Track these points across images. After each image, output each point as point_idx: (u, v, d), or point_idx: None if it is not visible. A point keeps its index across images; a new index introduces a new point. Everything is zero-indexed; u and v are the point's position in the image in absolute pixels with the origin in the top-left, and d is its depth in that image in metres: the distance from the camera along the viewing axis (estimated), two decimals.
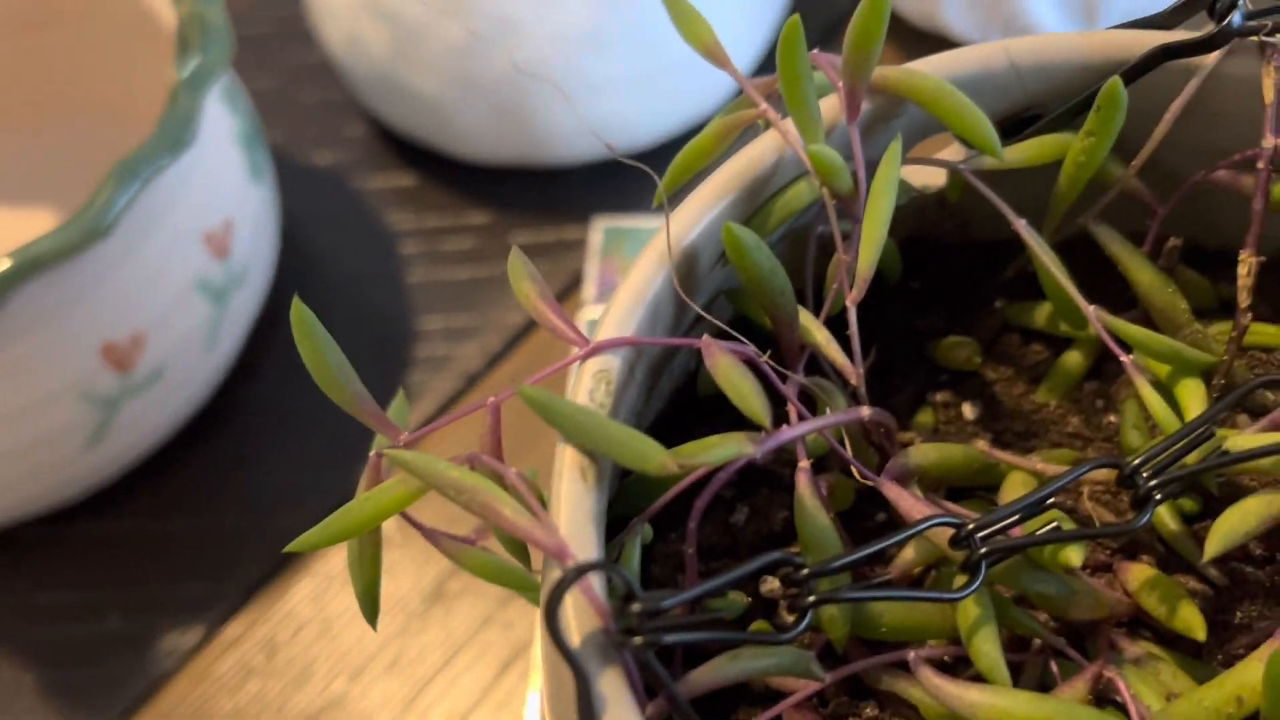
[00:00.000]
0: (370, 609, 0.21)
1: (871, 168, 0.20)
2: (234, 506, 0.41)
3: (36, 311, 0.33)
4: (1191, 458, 0.19)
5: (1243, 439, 0.19)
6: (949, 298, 0.26)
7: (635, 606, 0.16)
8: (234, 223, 0.39)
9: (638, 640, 0.15)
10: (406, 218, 0.47)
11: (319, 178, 0.49)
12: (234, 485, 0.41)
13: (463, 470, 0.18)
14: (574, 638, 0.16)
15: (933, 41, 0.48)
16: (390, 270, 0.46)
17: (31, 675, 0.38)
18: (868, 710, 0.21)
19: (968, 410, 0.24)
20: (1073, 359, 0.24)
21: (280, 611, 0.38)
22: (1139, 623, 0.21)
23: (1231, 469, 0.19)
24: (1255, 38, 0.21)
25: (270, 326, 0.43)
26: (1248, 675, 0.19)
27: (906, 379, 0.25)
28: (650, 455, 0.17)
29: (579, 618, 0.16)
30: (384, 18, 0.42)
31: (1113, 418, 0.23)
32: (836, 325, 0.21)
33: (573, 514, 0.17)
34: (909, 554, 0.21)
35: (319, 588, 0.39)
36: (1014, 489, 0.22)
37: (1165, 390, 0.22)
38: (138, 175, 0.33)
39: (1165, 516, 0.20)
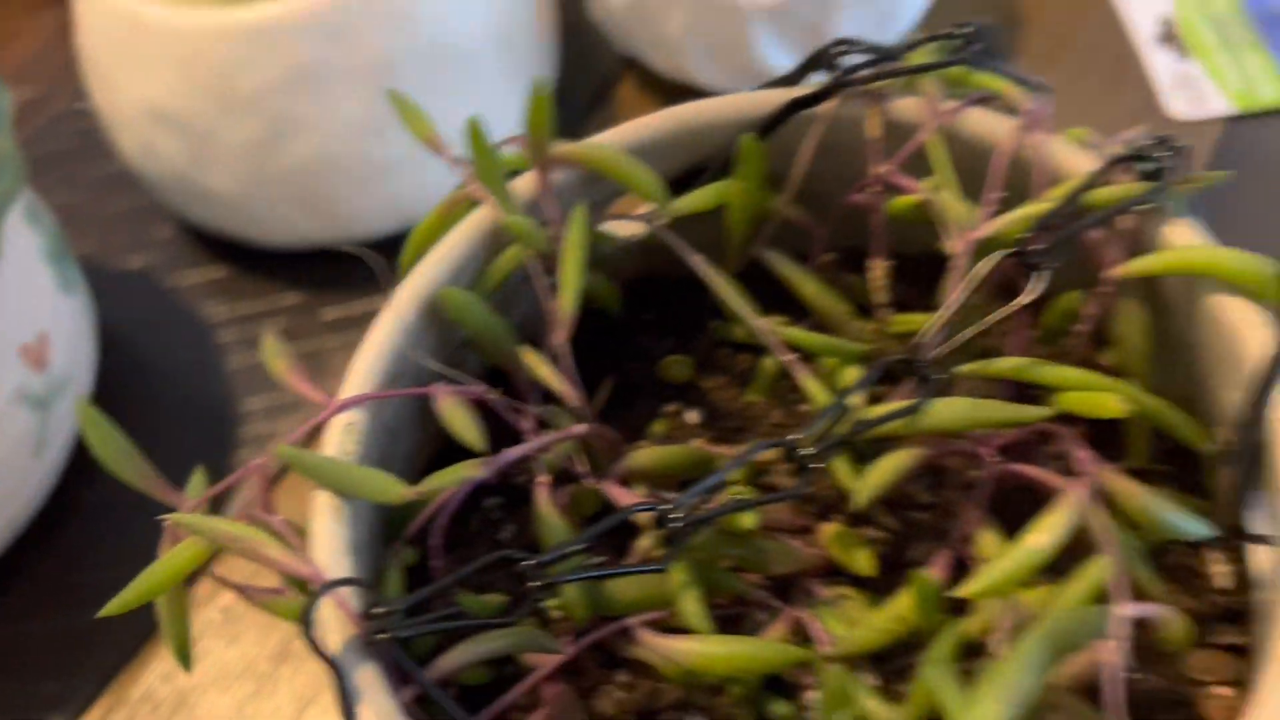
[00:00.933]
0: (182, 658, 0.24)
1: None
2: (81, 603, 0.42)
3: None
4: (841, 429, 0.23)
5: (876, 409, 0.23)
6: (675, 324, 0.31)
7: (377, 609, 0.19)
8: (49, 335, 0.41)
9: (382, 636, 0.19)
10: (221, 308, 0.50)
11: (133, 281, 0.51)
12: (79, 583, 0.43)
13: (233, 524, 0.21)
14: (334, 645, 0.20)
15: (685, 91, 0.53)
16: (209, 359, 0.48)
17: None
18: (620, 678, 0.25)
19: (691, 416, 0.29)
20: (769, 363, 0.28)
21: (136, 694, 0.41)
22: (837, 573, 0.26)
23: (876, 432, 0.23)
24: (861, 87, 0.26)
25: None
26: (907, 600, 0.23)
27: (643, 398, 0.30)
28: (388, 489, 0.21)
29: (337, 628, 0.20)
30: (173, 127, 0.45)
31: (806, 406, 0.28)
32: (580, 347, 0.26)
33: (327, 546, 0.21)
34: (645, 541, 0.25)
35: (170, 667, 0.41)
36: (735, 526, 0.26)
37: (835, 377, 0.26)
38: None
39: (842, 476, 0.25)
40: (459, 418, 0.22)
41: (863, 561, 0.24)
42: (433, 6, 0.44)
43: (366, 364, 0.23)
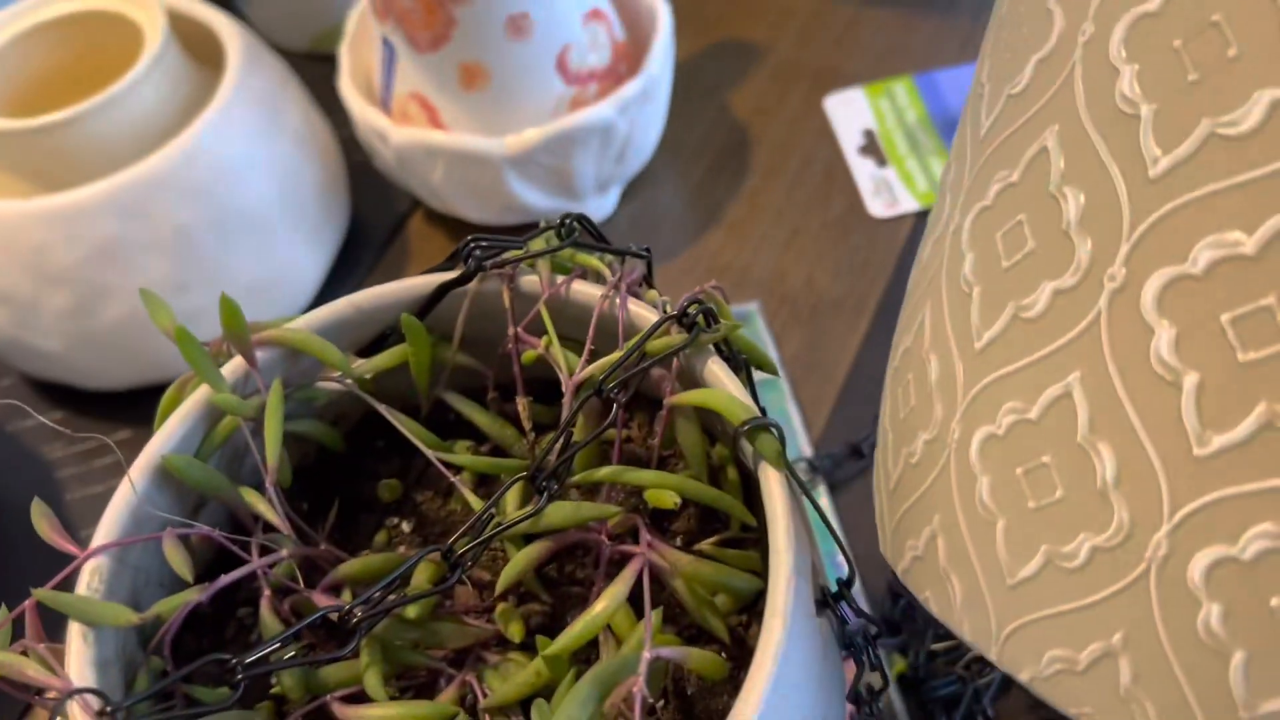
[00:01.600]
0: None
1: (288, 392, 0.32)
2: None
3: None
4: (488, 532, 0.31)
5: (512, 515, 0.31)
6: (401, 448, 0.38)
7: (106, 709, 0.26)
8: None
9: None
10: (59, 447, 0.56)
11: None
12: None
13: (4, 653, 0.28)
14: None
15: (463, 224, 0.61)
16: (50, 494, 0.55)
17: None
18: None
19: (405, 526, 0.36)
20: (466, 478, 0.36)
21: None
22: (507, 643, 0.33)
23: (513, 532, 0.31)
24: (493, 270, 0.34)
25: None
26: (540, 661, 0.31)
27: (371, 511, 0.37)
28: (119, 616, 0.28)
29: None
30: None
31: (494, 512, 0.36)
32: (322, 475, 0.33)
33: (78, 663, 0.28)
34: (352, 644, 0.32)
35: None
36: (419, 576, 0.33)
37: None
38: None
39: (511, 553, 0.33)
40: (175, 555, 0.29)
41: (515, 630, 0.32)
42: (223, 180, 0.52)
43: (109, 521, 0.30)
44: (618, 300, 0.32)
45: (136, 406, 0.57)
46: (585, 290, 0.33)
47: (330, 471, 0.37)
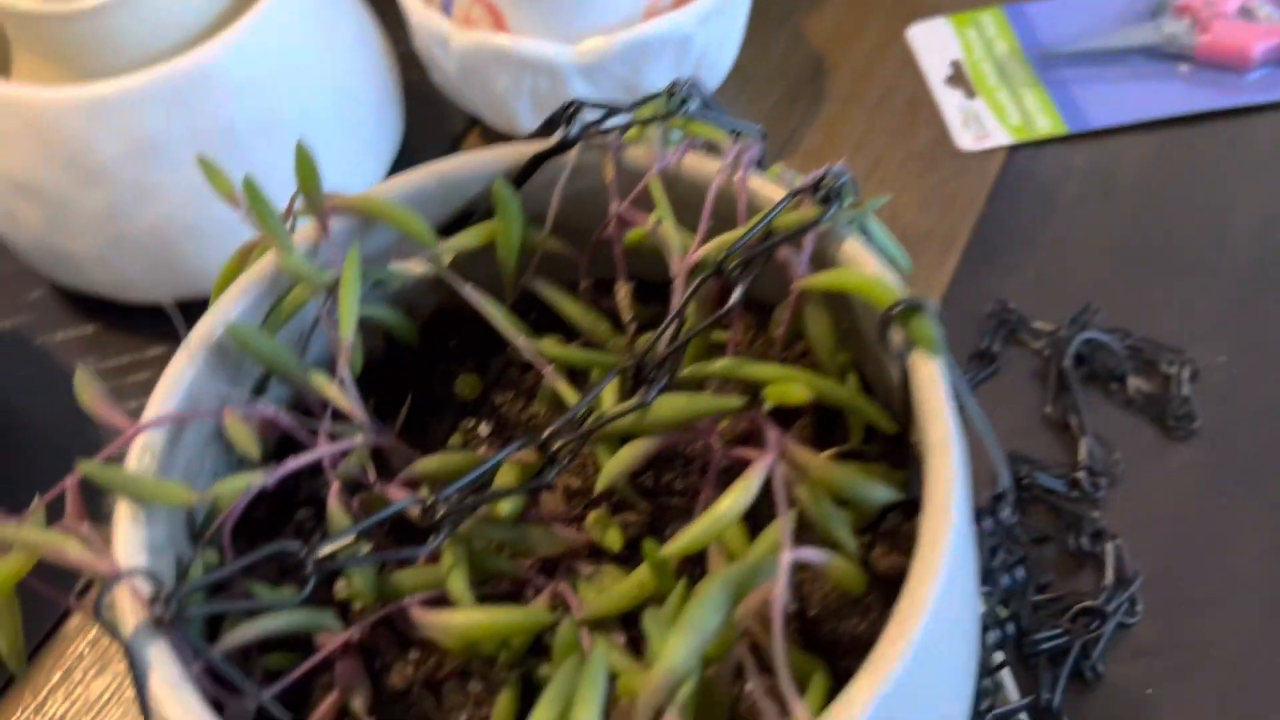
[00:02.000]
0: (16, 665, 0.27)
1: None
2: None
3: None
4: (588, 425, 0.28)
5: (614, 408, 0.28)
6: (475, 350, 0.35)
7: (161, 593, 0.23)
8: None
9: (164, 616, 0.22)
10: (92, 362, 0.53)
11: (6, 340, 0.54)
12: None
13: (42, 531, 0.24)
14: (127, 628, 0.23)
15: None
16: (79, 413, 0.51)
17: None
18: (412, 655, 0.28)
19: (483, 428, 0.33)
20: (555, 374, 0.32)
21: None
22: (600, 553, 0.30)
23: (613, 427, 0.28)
24: (596, 137, 0.30)
25: None
26: (644, 570, 0.27)
27: (445, 413, 0.33)
28: (176, 494, 0.24)
29: (130, 613, 0.23)
30: (33, 197, 0.48)
31: None
32: (390, 374, 0.30)
33: (126, 546, 0.24)
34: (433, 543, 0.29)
35: (39, 700, 0.43)
36: (504, 476, 0.30)
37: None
38: None
39: (601, 458, 0.29)
40: (240, 432, 0.25)
41: (612, 538, 0.28)
42: (275, 80, 0.48)
43: (161, 395, 0.26)
44: (738, 176, 0.29)
45: (170, 323, 0.53)
46: (700, 164, 0.29)
47: (399, 370, 0.34)
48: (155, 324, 0.53)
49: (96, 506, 0.28)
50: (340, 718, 0.27)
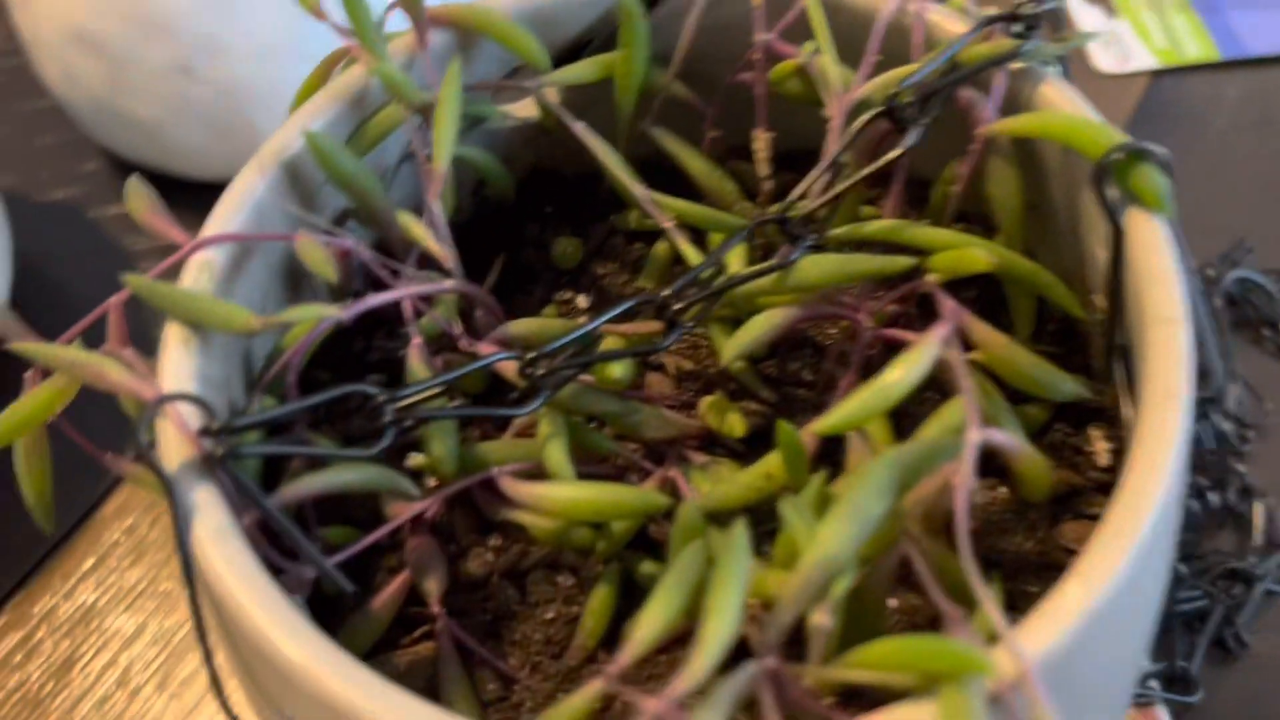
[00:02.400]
0: (43, 514, 0.24)
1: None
2: None
3: None
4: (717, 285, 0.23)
5: (742, 270, 0.23)
6: (572, 216, 0.30)
7: (213, 426, 0.19)
8: None
9: (216, 453, 0.19)
10: (143, 239, 0.49)
11: (57, 212, 0.51)
12: None
13: (81, 351, 0.21)
14: (171, 463, 0.19)
15: None
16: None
17: None
18: (492, 541, 0.24)
19: (581, 301, 0.28)
20: (661, 248, 0.28)
21: (35, 612, 0.40)
22: (715, 444, 0.25)
23: (747, 289, 0.23)
24: None
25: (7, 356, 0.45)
26: (775, 457, 0.23)
27: (537, 284, 0.29)
28: (234, 318, 0.20)
29: (177, 449, 0.19)
30: (94, 49, 0.45)
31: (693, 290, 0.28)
32: (478, 233, 0.25)
33: (174, 372, 0.20)
34: (522, 418, 0.25)
35: (70, 585, 0.40)
36: (604, 376, 0.26)
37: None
38: None
39: (717, 340, 0.25)
40: (316, 255, 0.21)
41: (734, 423, 0.24)
42: None
43: (225, 209, 0.23)
44: (913, 4, 0.24)
45: None
46: None
47: (488, 233, 0.30)
48: (210, 202, 0.49)
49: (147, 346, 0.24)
50: (406, 604, 0.23)
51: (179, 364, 0.20)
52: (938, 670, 0.16)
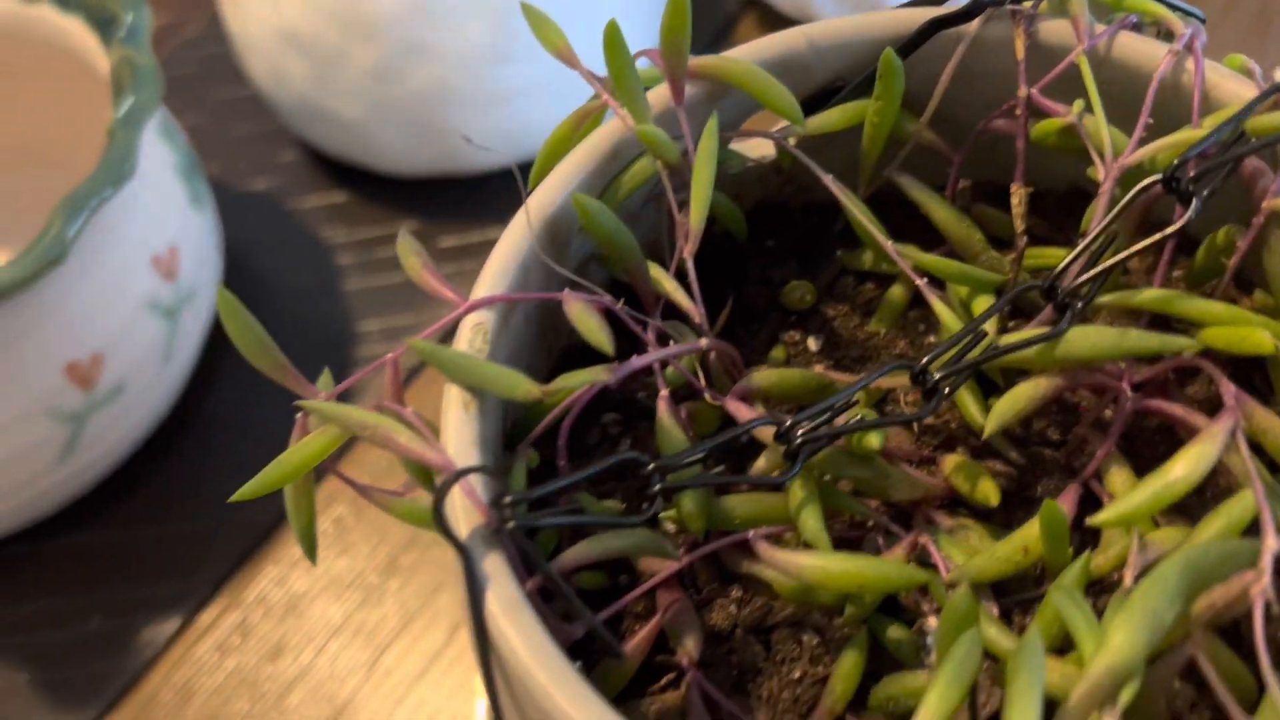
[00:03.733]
0: (309, 547, 0.25)
1: None
2: (199, 508, 0.44)
3: (2, 336, 0.36)
4: (972, 356, 0.23)
5: (1011, 336, 0.23)
6: (798, 252, 0.30)
7: (507, 499, 0.19)
8: (179, 247, 0.42)
9: (510, 525, 0.19)
10: (340, 232, 0.51)
11: (256, 203, 0.53)
12: (197, 489, 0.45)
13: (367, 412, 0.21)
14: (462, 533, 0.20)
15: None
16: (328, 281, 0.50)
17: (24, 677, 0.41)
18: (734, 593, 0.25)
19: (811, 343, 0.28)
20: (896, 292, 0.28)
21: (250, 597, 0.42)
22: (958, 504, 0.25)
23: (1010, 360, 0.23)
24: (1007, 5, 0.25)
25: (222, 342, 0.47)
26: (1033, 529, 0.23)
27: (763, 323, 0.29)
28: (517, 384, 0.21)
29: (466, 517, 0.20)
30: (302, 49, 0.46)
31: (933, 338, 0.28)
32: (701, 268, 0.25)
33: (458, 438, 0.21)
34: (761, 462, 0.25)
35: (283, 572, 0.42)
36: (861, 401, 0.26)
37: (967, 308, 0.26)
38: (85, 207, 0.36)
39: (969, 406, 0.24)
40: (588, 321, 0.22)
41: (987, 490, 0.24)
42: None
43: (496, 268, 0.23)
44: (1190, 63, 0.23)
45: (424, 198, 0.51)
46: (1139, 45, 0.24)
47: (713, 262, 0.30)
48: (408, 198, 0.51)
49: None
50: (653, 651, 0.24)
51: (461, 429, 0.21)
52: None
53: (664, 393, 0.24)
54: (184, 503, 0.44)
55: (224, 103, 0.56)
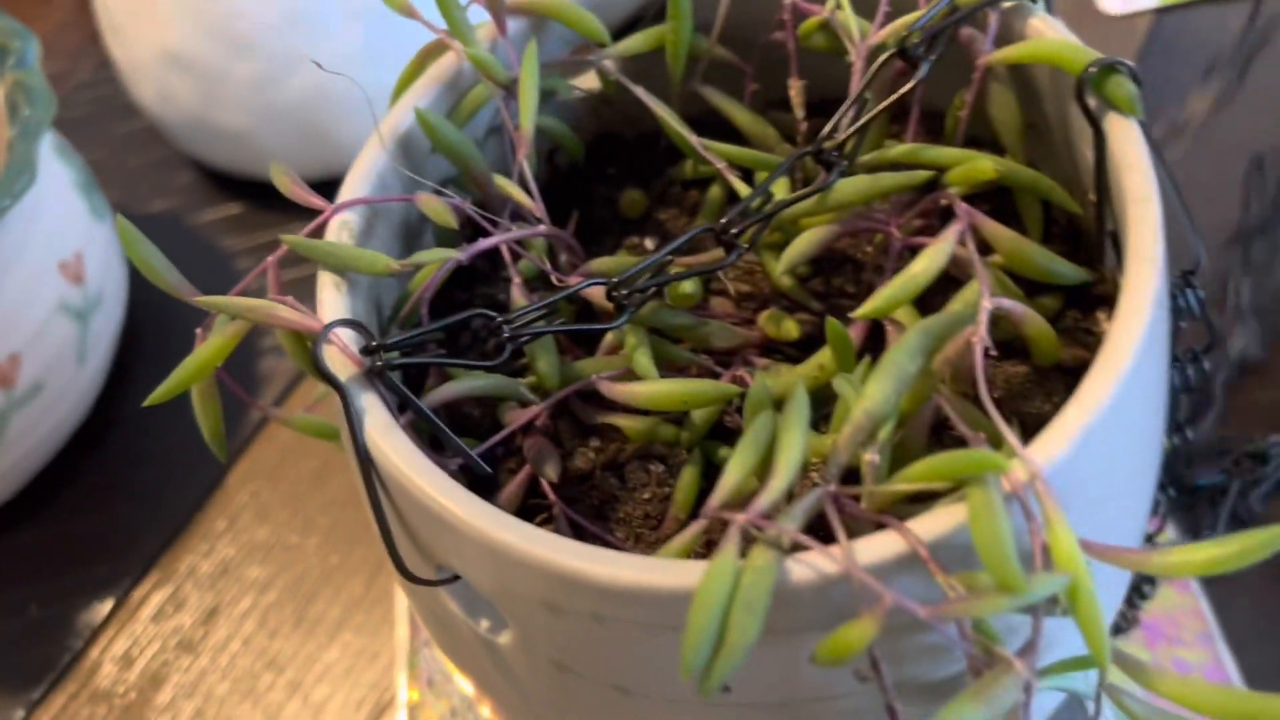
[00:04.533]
0: (218, 446, 0.28)
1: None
2: (124, 497, 0.47)
3: None
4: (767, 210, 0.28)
5: (786, 197, 0.27)
6: (633, 174, 0.35)
7: (373, 343, 0.23)
8: (84, 253, 0.46)
9: (379, 365, 0.23)
10: (239, 240, 0.55)
11: (157, 223, 0.56)
12: (121, 484, 0.48)
13: (254, 300, 0.25)
14: (340, 376, 0.24)
15: None
16: (230, 284, 0.53)
17: None
18: (593, 443, 0.29)
19: (648, 244, 0.33)
20: (714, 191, 0.32)
21: (180, 569, 0.45)
22: (773, 351, 0.30)
23: (792, 211, 0.27)
24: None
25: (134, 344, 0.50)
26: (827, 352, 0.27)
27: (608, 233, 0.34)
28: (377, 261, 0.25)
29: (342, 367, 0.24)
30: (186, 69, 0.50)
31: None
32: (552, 194, 0.30)
33: (332, 309, 0.25)
34: (609, 338, 0.29)
35: (209, 545, 0.45)
36: (677, 294, 0.30)
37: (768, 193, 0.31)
38: None
39: (770, 263, 0.29)
40: (438, 209, 0.26)
41: (790, 328, 0.28)
42: None
43: (358, 176, 0.27)
44: None
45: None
46: None
47: (562, 190, 0.34)
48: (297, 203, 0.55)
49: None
50: (527, 497, 0.28)
51: (333, 303, 0.25)
52: (965, 473, 0.20)
53: (516, 280, 0.29)
54: (110, 494, 0.47)
55: (119, 137, 0.59)
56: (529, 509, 0.28)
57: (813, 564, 0.20)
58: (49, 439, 0.45)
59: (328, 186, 0.54)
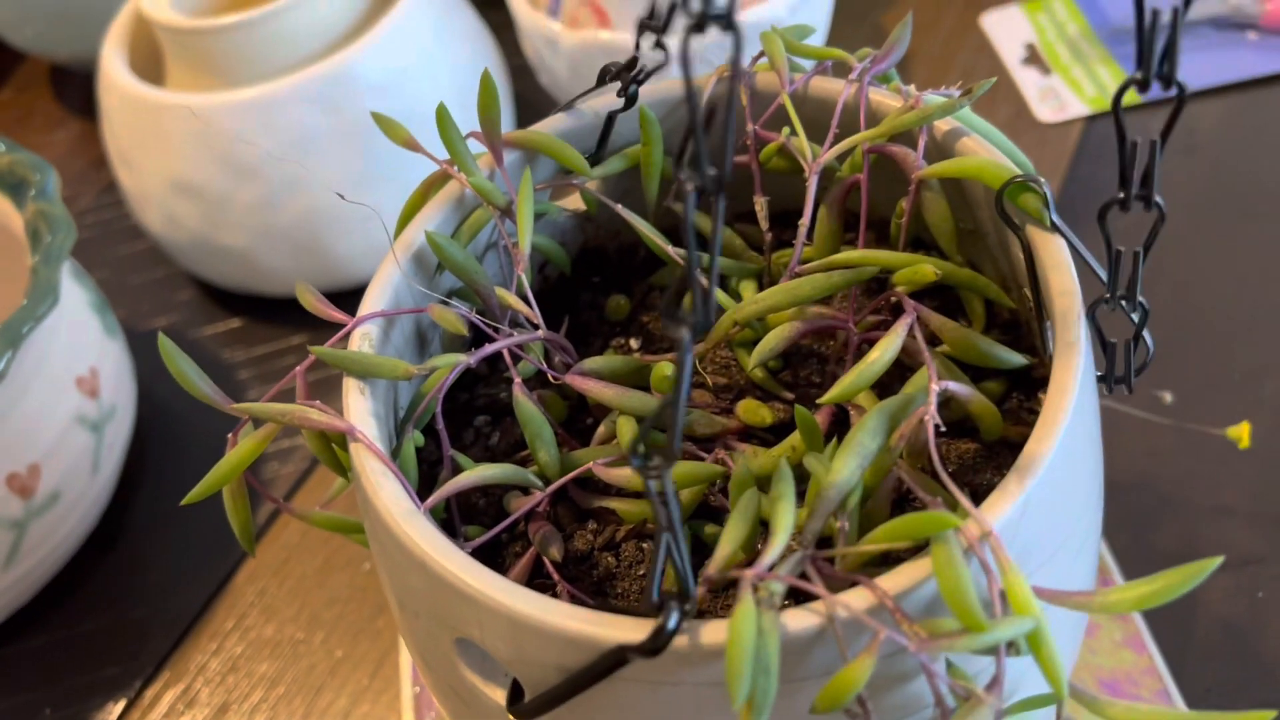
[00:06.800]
0: (247, 541, 0.31)
1: None
2: (136, 599, 0.49)
3: None
4: (735, 313, 0.31)
5: (758, 296, 0.31)
6: (618, 282, 0.38)
7: (394, 447, 0.26)
8: (99, 369, 0.49)
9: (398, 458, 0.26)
10: (239, 352, 0.58)
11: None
12: (133, 583, 0.50)
13: (286, 405, 0.28)
14: (364, 472, 0.27)
15: None
16: (232, 393, 0.56)
17: None
18: (590, 525, 0.32)
19: (633, 344, 0.36)
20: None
21: (189, 667, 0.47)
22: (750, 437, 0.33)
23: (757, 310, 0.31)
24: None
25: (141, 454, 0.53)
26: (796, 435, 0.30)
27: (595, 336, 0.37)
28: (396, 367, 0.28)
29: (368, 464, 0.27)
30: (193, 195, 0.53)
31: None
32: (544, 302, 0.33)
33: (356, 414, 0.28)
34: (602, 430, 0.32)
35: (218, 643, 0.47)
36: (658, 377, 0.33)
37: (738, 295, 0.34)
38: (19, 333, 0.42)
39: (744, 359, 0.32)
40: (449, 317, 0.29)
41: (764, 414, 0.31)
42: (406, 79, 0.53)
43: (374, 294, 0.30)
44: (858, 90, 0.32)
45: (310, 314, 0.58)
46: (826, 84, 0.33)
47: (553, 298, 0.38)
48: (295, 315, 0.58)
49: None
50: (532, 577, 0.30)
51: (357, 406, 0.28)
52: (925, 532, 0.23)
53: (517, 380, 0.32)
54: (122, 596, 0.49)
55: (123, 257, 0.63)
56: (535, 587, 0.30)
57: (810, 616, 0.23)
58: (62, 546, 0.48)
59: (329, 299, 0.58)
